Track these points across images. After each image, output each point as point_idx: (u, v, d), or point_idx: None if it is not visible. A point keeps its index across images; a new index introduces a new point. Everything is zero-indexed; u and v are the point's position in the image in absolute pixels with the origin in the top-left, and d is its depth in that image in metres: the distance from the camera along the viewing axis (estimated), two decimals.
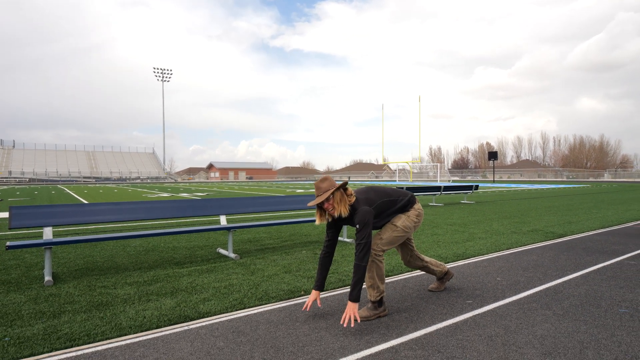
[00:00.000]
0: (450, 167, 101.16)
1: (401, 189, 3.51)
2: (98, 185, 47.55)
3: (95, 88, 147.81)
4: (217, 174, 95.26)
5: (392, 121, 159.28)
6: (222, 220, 5.46)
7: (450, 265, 4.62)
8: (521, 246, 5.77)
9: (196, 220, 9.08)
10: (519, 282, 3.91)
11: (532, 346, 2.48)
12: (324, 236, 6.75)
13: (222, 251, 5.47)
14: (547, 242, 6.06)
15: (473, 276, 4.14)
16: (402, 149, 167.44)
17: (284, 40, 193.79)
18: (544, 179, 64.64)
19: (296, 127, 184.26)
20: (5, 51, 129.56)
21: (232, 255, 5.11)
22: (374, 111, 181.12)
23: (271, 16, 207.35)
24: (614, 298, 3.40)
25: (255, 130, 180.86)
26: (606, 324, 2.84)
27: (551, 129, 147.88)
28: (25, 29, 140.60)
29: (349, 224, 3.05)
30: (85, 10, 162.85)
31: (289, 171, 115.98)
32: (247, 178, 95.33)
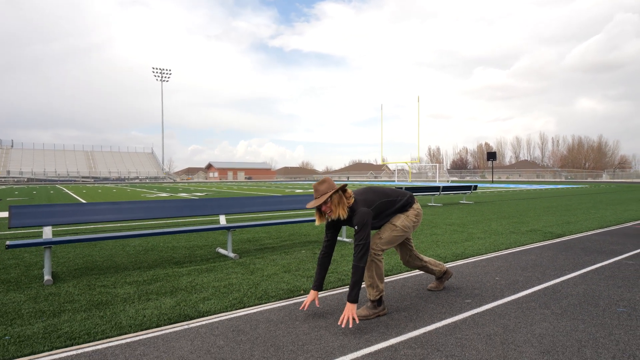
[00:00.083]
0: (449, 168, 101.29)
1: (400, 189, 3.52)
2: (97, 185, 47.48)
3: (94, 88, 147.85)
4: (215, 174, 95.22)
5: (391, 121, 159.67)
6: (222, 220, 5.46)
7: (449, 265, 4.64)
8: (520, 246, 5.79)
9: (195, 220, 9.08)
10: (517, 281, 3.93)
11: (531, 345, 2.49)
12: (323, 236, 6.75)
13: (221, 251, 5.48)
14: (545, 242, 6.08)
15: (472, 276, 4.15)
16: (401, 149, 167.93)
17: (283, 40, 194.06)
18: (543, 180, 64.75)
19: (295, 127, 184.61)
20: (5, 51, 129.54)
21: (232, 255, 5.12)
22: (373, 111, 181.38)
23: (270, 16, 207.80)
24: (612, 297, 3.42)
25: (254, 130, 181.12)
26: (604, 322, 2.85)
27: (550, 129, 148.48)
28: (25, 28, 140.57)
29: (348, 224, 3.06)
30: (85, 10, 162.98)
31: (287, 171, 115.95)
32: (246, 178, 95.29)
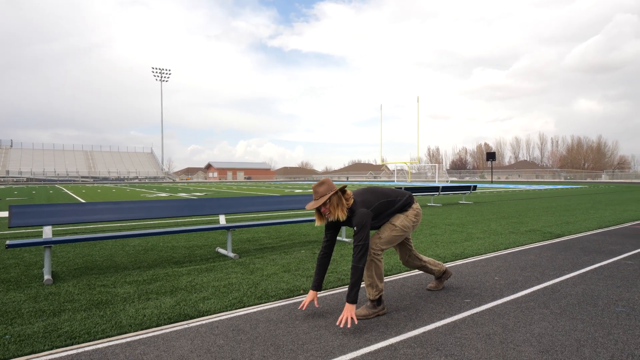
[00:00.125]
0: (448, 168, 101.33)
1: (399, 189, 3.53)
2: (96, 185, 47.45)
3: (94, 88, 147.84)
4: (215, 174, 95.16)
5: (391, 121, 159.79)
6: (221, 219, 5.47)
7: (449, 265, 4.65)
8: (519, 246, 5.80)
9: (195, 220, 9.09)
10: (516, 281, 3.94)
11: (530, 344, 2.50)
12: (322, 236, 6.76)
13: (221, 250, 5.48)
14: (544, 242, 6.09)
15: (471, 275, 4.16)
16: (401, 149, 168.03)
17: (283, 41, 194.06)
18: (542, 180, 64.80)
19: (295, 127, 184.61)
20: (5, 50, 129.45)
21: (231, 255, 5.12)
22: (373, 111, 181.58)
23: (270, 16, 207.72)
24: (611, 297, 3.43)
25: (254, 130, 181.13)
26: (603, 322, 2.86)
27: (549, 129, 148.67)
28: (25, 28, 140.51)
29: (347, 225, 3.07)
30: (85, 10, 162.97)
31: (287, 171, 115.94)
32: (245, 178, 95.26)
